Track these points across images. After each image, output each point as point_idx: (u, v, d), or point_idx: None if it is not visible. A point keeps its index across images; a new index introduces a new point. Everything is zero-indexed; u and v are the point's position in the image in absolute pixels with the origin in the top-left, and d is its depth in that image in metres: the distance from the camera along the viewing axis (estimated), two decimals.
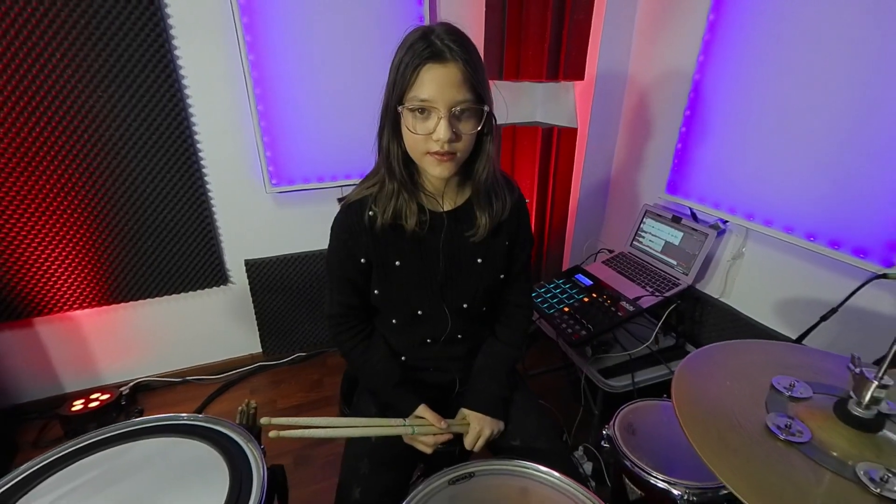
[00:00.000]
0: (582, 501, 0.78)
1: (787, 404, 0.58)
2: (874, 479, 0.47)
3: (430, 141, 0.75)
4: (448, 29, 0.73)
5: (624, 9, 1.78)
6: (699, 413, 0.58)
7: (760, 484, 0.48)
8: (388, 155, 0.82)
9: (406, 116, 0.75)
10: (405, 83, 0.73)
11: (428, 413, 0.91)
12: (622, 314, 1.46)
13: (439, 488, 0.81)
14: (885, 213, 1.11)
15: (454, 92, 0.72)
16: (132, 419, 0.93)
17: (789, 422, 0.54)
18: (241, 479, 0.78)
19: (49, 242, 1.66)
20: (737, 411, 0.58)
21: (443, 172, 0.79)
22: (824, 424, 0.54)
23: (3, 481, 0.76)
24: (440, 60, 0.71)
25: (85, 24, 1.46)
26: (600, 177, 2.07)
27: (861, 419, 0.52)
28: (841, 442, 0.52)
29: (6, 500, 0.73)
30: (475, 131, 0.77)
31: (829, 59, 1.18)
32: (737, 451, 0.52)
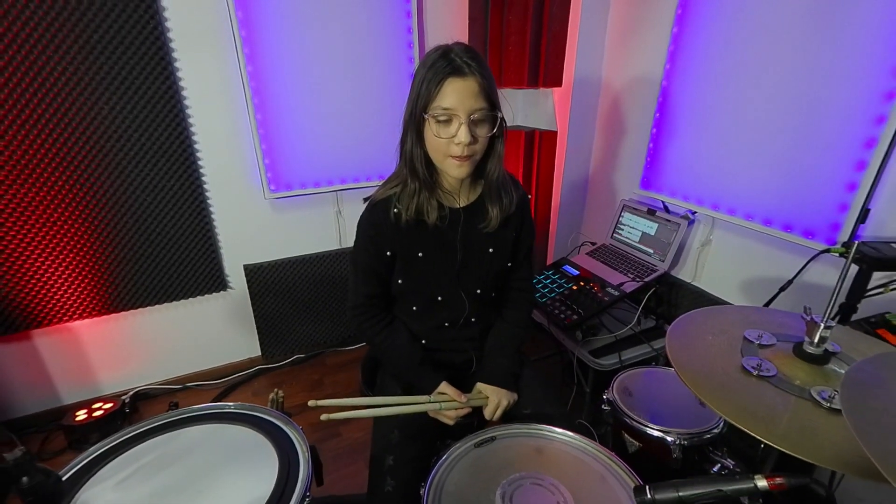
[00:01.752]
0: (591, 453, 0.90)
1: (757, 350, 0.72)
2: (825, 398, 0.62)
3: (452, 144, 0.86)
4: (464, 48, 0.85)
5: (596, 22, 1.95)
6: (689, 361, 0.72)
7: (742, 408, 0.62)
8: (411, 158, 0.92)
9: (430, 124, 0.87)
10: (430, 95, 0.84)
11: (449, 389, 1.02)
12: (608, 298, 1.61)
13: (467, 451, 0.92)
14: (828, 200, 1.30)
15: (472, 101, 0.84)
16: (171, 411, 1.00)
17: (759, 362, 0.68)
18: (287, 457, 0.86)
19: (49, 253, 1.67)
20: (718, 358, 0.72)
21: (461, 173, 0.90)
22: (786, 362, 0.68)
23: (70, 466, 0.82)
24: (460, 75, 0.83)
25: (87, 38, 1.50)
26: (579, 175, 2.23)
27: (814, 355, 0.67)
28: (799, 374, 0.66)
29: (77, 479, 0.79)
30: (490, 135, 0.89)
31: (777, 67, 1.37)
32: (722, 386, 0.66)
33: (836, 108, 1.25)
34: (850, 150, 1.23)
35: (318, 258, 2.15)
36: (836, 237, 1.28)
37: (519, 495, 0.81)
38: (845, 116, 1.23)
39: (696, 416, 1.01)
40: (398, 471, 0.95)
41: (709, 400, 0.63)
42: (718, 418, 0.99)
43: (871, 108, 1.17)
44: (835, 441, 0.56)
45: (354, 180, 2.09)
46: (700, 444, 0.94)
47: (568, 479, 0.84)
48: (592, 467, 0.87)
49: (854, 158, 1.23)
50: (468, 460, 0.90)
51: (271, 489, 0.79)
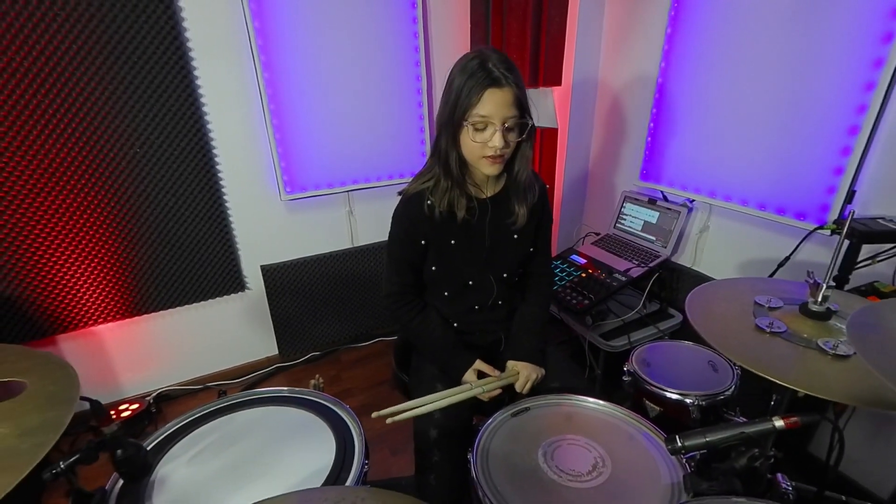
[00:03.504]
0: (619, 416, 0.99)
1: (767, 312, 0.82)
2: (830, 347, 0.71)
3: (486, 147, 0.95)
4: (501, 58, 0.93)
5: (592, 24, 2.06)
6: (709, 325, 0.81)
7: (760, 360, 0.71)
8: (446, 158, 1.00)
9: (468, 129, 0.95)
10: (469, 103, 0.92)
11: (484, 366, 1.10)
12: (616, 284, 1.71)
13: (504, 420, 1.00)
14: (817, 183, 1.41)
15: (507, 110, 0.93)
16: (223, 397, 1.06)
17: (771, 321, 0.77)
18: (342, 433, 0.94)
19: (74, 259, 1.71)
20: (734, 321, 0.81)
21: (494, 171, 1.00)
22: (794, 320, 0.78)
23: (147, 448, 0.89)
24: (498, 86, 0.91)
25: (111, 50, 1.55)
26: (580, 169, 2.34)
27: (818, 312, 0.77)
28: (806, 329, 0.76)
29: (154, 455, 0.86)
30: (520, 139, 0.98)
31: (766, 62, 1.48)
32: (741, 344, 0.75)
33: (821, 98, 1.36)
34: (836, 137, 1.34)
35: (332, 257, 2.21)
36: (825, 217, 1.39)
37: (559, 454, 0.89)
38: (830, 106, 1.34)
39: (709, 380, 1.10)
40: (442, 443, 1.03)
41: (731, 355, 0.73)
42: (730, 381, 1.09)
43: (853, 98, 1.29)
44: (841, 381, 0.65)
45: (365, 180, 2.16)
46: (715, 405, 1.04)
47: (601, 439, 0.93)
48: (621, 428, 0.96)
49: (840, 145, 1.34)
50: (507, 428, 0.99)
51: (332, 460, 0.87)
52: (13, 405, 0.47)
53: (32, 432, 0.42)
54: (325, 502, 0.63)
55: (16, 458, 0.39)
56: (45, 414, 0.46)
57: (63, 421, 0.45)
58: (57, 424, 0.44)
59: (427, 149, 2.24)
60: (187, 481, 0.82)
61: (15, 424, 0.43)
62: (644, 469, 0.85)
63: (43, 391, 0.49)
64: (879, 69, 1.23)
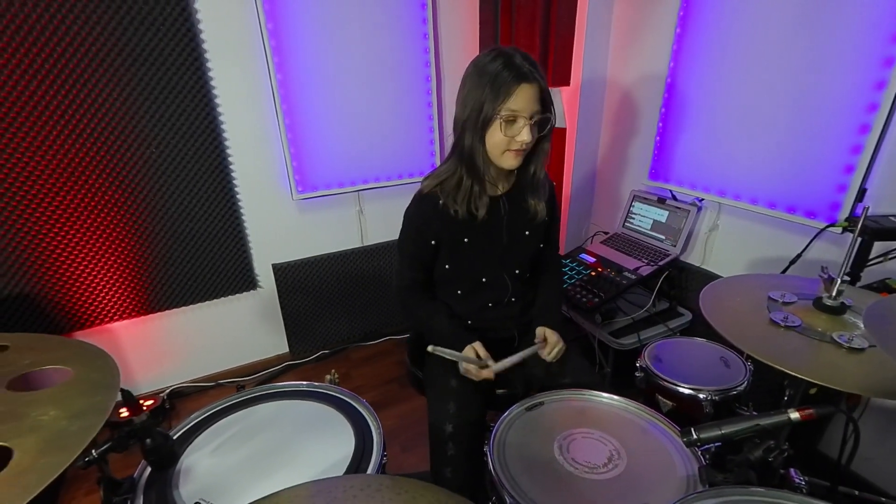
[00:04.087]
0: (631, 411, 1.01)
1: (781, 307, 0.83)
2: (844, 341, 0.72)
3: (513, 141, 0.97)
4: (525, 55, 0.96)
5: (600, 25, 2.07)
6: (723, 319, 0.82)
7: (775, 352, 0.72)
8: (471, 155, 1.01)
9: (498, 123, 0.96)
10: (499, 98, 0.94)
11: (481, 350, 1.09)
12: (626, 282, 1.72)
13: (519, 414, 1.02)
14: (828, 182, 1.42)
15: (534, 105, 0.95)
16: (242, 391, 1.08)
17: (786, 315, 0.79)
18: (360, 425, 0.96)
19: (91, 257, 1.74)
20: (747, 315, 0.83)
21: (515, 165, 1.02)
22: (808, 315, 0.79)
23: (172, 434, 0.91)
24: (528, 81, 0.93)
25: (130, 50, 1.58)
26: (588, 169, 2.35)
27: (832, 307, 0.78)
28: (821, 323, 0.77)
29: (180, 446, 0.88)
30: (542, 134, 1.00)
31: (776, 61, 1.49)
32: (755, 337, 0.77)
33: (831, 96, 1.37)
34: (847, 136, 1.35)
35: (342, 256, 2.24)
36: (836, 216, 1.40)
37: (574, 447, 0.91)
38: (840, 104, 1.35)
39: (722, 375, 1.11)
40: (457, 436, 1.04)
41: (747, 349, 0.74)
42: (743, 376, 1.10)
43: (863, 96, 1.30)
44: (856, 373, 0.66)
45: (375, 180, 2.18)
46: (727, 400, 1.05)
47: (615, 433, 0.94)
48: (635, 422, 0.98)
49: (850, 143, 1.35)
50: (522, 422, 1.00)
51: (352, 450, 0.89)
52: (61, 390, 0.49)
53: (81, 415, 0.44)
54: (349, 489, 0.65)
55: (68, 440, 0.41)
56: (90, 399, 0.48)
57: (107, 405, 0.47)
58: (102, 409, 0.46)
59: (436, 148, 2.25)
60: (212, 471, 0.84)
61: (64, 408, 0.45)
62: (659, 461, 0.86)
63: (87, 378, 0.51)
64: (890, 68, 1.23)
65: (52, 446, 0.40)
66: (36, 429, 0.42)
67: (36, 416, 0.44)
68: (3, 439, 0.40)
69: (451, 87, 2.21)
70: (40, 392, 0.48)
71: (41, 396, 0.47)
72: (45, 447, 0.40)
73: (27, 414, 0.44)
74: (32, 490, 0.34)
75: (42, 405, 0.45)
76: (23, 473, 0.37)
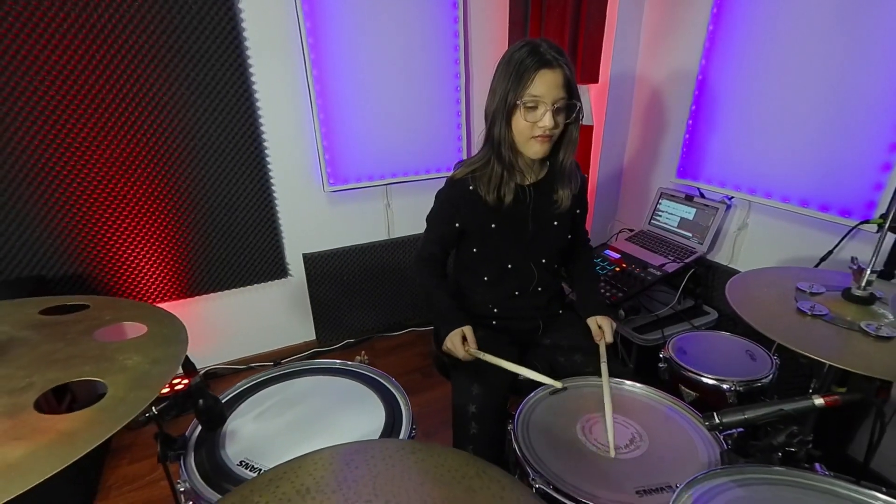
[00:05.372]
0: (654, 398, 1.03)
1: (809, 297, 0.84)
2: (873, 329, 0.73)
3: (536, 127, 1.00)
4: (551, 44, 0.99)
5: (631, 23, 2.07)
6: (750, 308, 0.84)
7: (801, 340, 0.74)
8: (499, 142, 1.05)
9: (521, 109, 1.00)
10: (521, 84, 0.97)
11: (470, 334, 1.10)
12: (650, 278, 1.72)
13: (543, 398, 1.05)
14: (863, 180, 1.40)
15: (557, 91, 0.98)
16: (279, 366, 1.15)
17: (813, 305, 0.80)
18: (390, 402, 1.01)
19: (138, 242, 1.86)
20: (775, 304, 0.84)
21: (541, 152, 1.04)
22: (836, 305, 0.80)
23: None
24: (550, 67, 0.96)
25: (178, 48, 1.68)
26: (614, 167, 2.35)
27: (861, 297, 0.78)
28: (849, 313, 0.78)
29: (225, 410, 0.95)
30: (568, 121, 1.03)
31: (811, 58, 1.47)
32: (782, 325, 0.78)
33: (867, 94, 1.35)
34: (883, 133, 1.33)
35: (369, 248, 2.30)
36: (871, 214, 1.37)
37: (597, 429, 0.94)
38: (877, 102, 1.33)
39: (747, 367, 1.12)
40: (480, 417, 1.08)
41: (773, 336, 0.75)
42: (769, 369, 1.10)
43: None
44: (883, 359, 0.67)
45: (403, 174, 2.24)
46: (752, 392, 1.05)
47: (637, 418, 0.96)
48: (657, 408, 1.00)
49: (887, 140, 1.32)
50: (546, 404, 1.03)
51: (383, 421, 0.94)
52: (140, 341, 0.56)
53: (159, 361, 0.51)
54: (384, 451, 0.70)
55: (150, 380, 0.47)
56: (165, 349, 0.54)
57: (180, 355, 0.53)
58: (177, 357, 0.52)
59: (463, 145, 2.30)
60: (255, 434, 0.91)
61: (144, 355, 0.52)
62: (681, 445, 0.88)
63: (160, 333, 0.58)
64: None
65: (138, 384, 0.46)
66: (123, 370, 0.49)
67: (122, 360, 0.50)
68: (99, 376, 0.47)
69: (480, 85, 2.25)
70: (124, 342, 0.54)
71: (125, 345, 0.53)
72: (132, 384, 0.46)
73: (115, 358, 0.50)
74: (127, 417, 0.40)
75: (126, 352, 0.52)
76: (117, 404, 0.43)
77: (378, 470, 0.66)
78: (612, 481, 0.80)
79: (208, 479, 0.80)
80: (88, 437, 0.39)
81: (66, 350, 0.51)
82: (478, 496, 0.62)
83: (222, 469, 0.82)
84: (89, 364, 0.49)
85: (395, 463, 0.67)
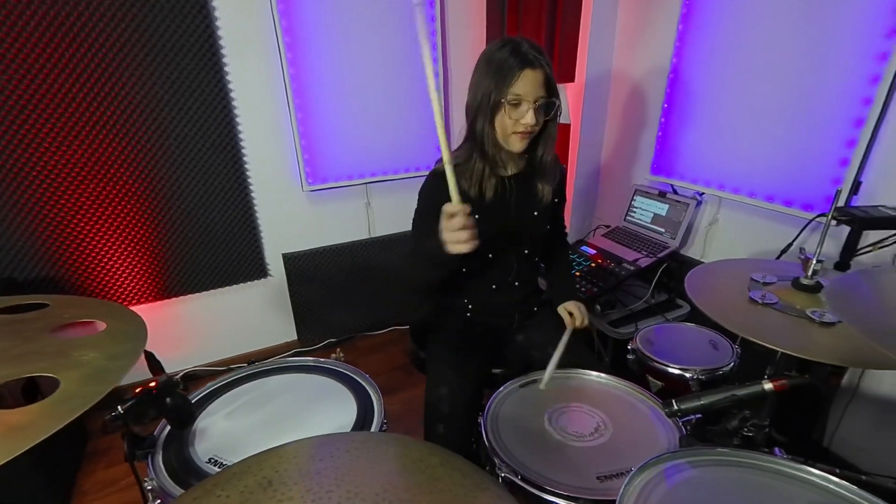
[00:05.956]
0: (621, 388, 1.05)
1: (762, 287, 0.88)
2: (817, 316, 0.77)
3: (519, 124, 1.03)
4: (532, 43, 1.01)
5: (605, 23, 2.11)
6: (706, 298, 0.87)
7: (754, 327, 0.77)
8: (482, 138, 1.07)
9: (504, 106, 1.02)
10: (505, 83, 0.99)
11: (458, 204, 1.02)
12: (624, 273, 1.76)
13: (513, 391, 1.07)
14: (824, 175, 1.45)
15: (539, 89, 1.01)
16: (253, 365, 1.15)
17: (764, 294, 0.83)
18: (363, 397, 1.02)
19: (113, 243, 1.83)
20: (730, 294, 0.87)
21: (521, 147, 1.08)
22: (786, 293, 0.84)
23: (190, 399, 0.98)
24: (532, 66, 0.99)
25: (151, 46, 1.67)
26: (593, 164, 2.39)
27: (808, 286, 0.82)
28: (797, 300, 0.81)
29: (196, 409, 0.95)
30: (547, 118, 1.05)
31: (775, 57, 1.52)
32: (735, 313, 0.81)
33: (827, 91, 1.40)
34: (842, 130, 1.38)
35: (350, 247, 2.31)
36: (829, 208, 1.42)
37: (563, 418, 0.96)
38: (836, 99, 1.38)
39: (710, 357, 1.16)
40: (451, 411, 1.10)
41: (724, 323, 0.79)
42: (730, 358, 1.14)
43: (858, 90, 1.32)
44: (825, 344, 0.70)
45: (383, 174, 2.25)
46: (714, 380, 1.09)
47: (603, 407, 0.99)
48: (623, 398, 1.02)
49: (845, 137, 1.37)
50: (516, 397, 1.06)
51: (355, 415, 0.95)
52: (98, 338, 0.56)
53: (117, 357, 0.51)
54: (348, 443, 0.71)
55: (107, 374, 0.48)
56: (123, 345, 0.54)
57: (139, 350, 0.54)
58: (135, 353, 0.53)
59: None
60: (225, 432, 0.91)
61: (101, 352, 0.52)
62: (643, 432, 0.91)
63: (120, 329, 0.58)
64: (884, 63, 1.26)
65: (92, 379, 0.47)
66: (78, 365, 0.49)
67: (78, 356, 0.50)
68: (52, 372, 0.47)
69: (458, 85, 2.27)
70: (81, 338, 0.55)
71: (82, 341, 0.54)
72: (86, 379, 0.47)
73: (70, 354, 0.51)
74: (78, 410, 0.41)
75: (83, 348, 0.52)
76: (69, 398, 0.43)
77: (341, 461, 0.67)
78: (575, 468, 0.82)
79: (176, 476, 0.81)
80: (37, 431, 0.40)
81: (22, 347, 0.51)
82: (439, 484, 0.64)
83: (190, 466, 0.83)
84: (45, 360, 0.49)
85: (359, 455, 0.69)
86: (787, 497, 0.64)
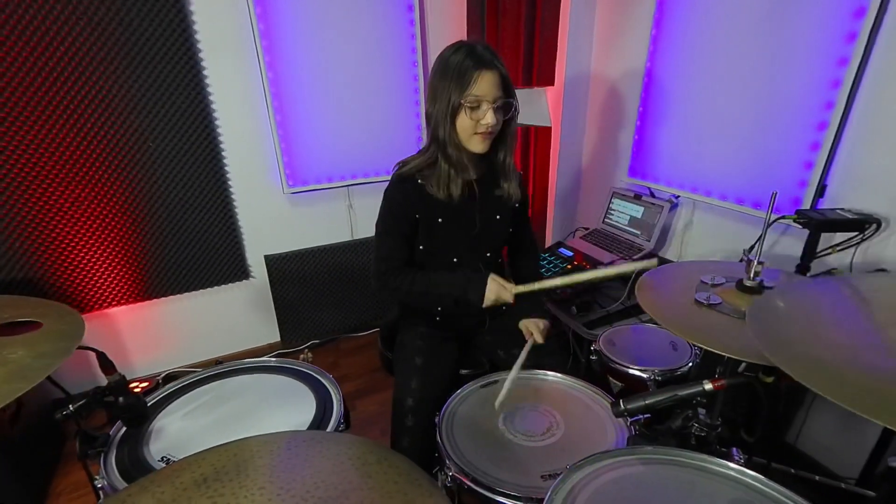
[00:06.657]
0: (580, 389, 1.07)
1: (710, 288, 0.89)
2: None
3: (479, 125, 1.05)
4: (485, 45, 1.03)
5: (583, 27, 2.13)
6: (654, 300, 0.88)
7: (698, 328, 0.78)
8: (445, 142, 1.08)
9: (464, 108, 1.03)
10: (463, 85, 1.01)
11: (498, 278, 1.13)
12: None
13: (474, 391, 1.09)
14: (790, 178, 1.46)
15: (497, 90, 1.03)
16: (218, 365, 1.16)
17: (708, 295, 0.84)
18: (322, 397, 1.03)
19: (92, 245, 1.85)
20: (678, 296, 0.88)
21: (483, 148, 1.09)
22: (731, 295, 0.85)
23: (147, 401, 0.99)
24: (488, 67, 1.01)
25: (129, 48, 1.68)
26: (573, 166, 2.40)
27: (751, 287, 0.83)
28: (741, 302, 0.83)
29: (154, 410, 0.96)
30: (506, 118, 1.07)
31: (743, 64, 1.54)
32: (679, 315, 0.82)
33: (792, 95, 1.41)
34: (806, 133, 1.39)
35: (333, 249, 2.32)
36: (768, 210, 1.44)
37: (518, 419, 0.97)
38: (800, 102, 1.39)
39: (669, 358, 1.17)
40: (417, 410, 1.11)
41: (668, 326, 0.80)
42: (688, 358, 1.15)
43: (821, 94, 1.34)
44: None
45: (364, 175, 2.26)
46: (671, 380, 1.10)
47: (559, 407, 1.00)
48: (581, 399, 1.04)
49: (810, 140, 1.39)
50: (475, 398, 1.07)
51: (313, 415, 0.96)
52: (30, 337, 0.57)
53: (44, 356, 0.52)
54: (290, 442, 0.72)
55: (29, 372, 0.49)
56: (56, 344, 0.55)
57: (70, 348, 0.55)
58: (65, 351, 0.54)
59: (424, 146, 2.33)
60: (181, 431, 0.92)
61: (30, 350, 0.53)
62: (594, 432, 0.92)
63: (56, 330, 0.59)
64: (844, 67, 1.28)
65: (16, 377, 0.48)
66: (4, 364, 0.50)
67: (6, 354, 0.51)
68: None
69: None
70: (13, 338, 0.56)
71: (14, 341, 0.55)
72: (9, 377, 0.48)
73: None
74: None
75: (13, 347, 0.53)
76: None
77: (280, 459, 0.69)
78: (522, 467, 0.83)
79: (127, 474, 0.82)
80: None
81: None
82: (372, 481, 0.65)
83: (142, 465, 0.84)
84: None
85: (298, 452, 0.70)
86: (709, 493, 0.65)
